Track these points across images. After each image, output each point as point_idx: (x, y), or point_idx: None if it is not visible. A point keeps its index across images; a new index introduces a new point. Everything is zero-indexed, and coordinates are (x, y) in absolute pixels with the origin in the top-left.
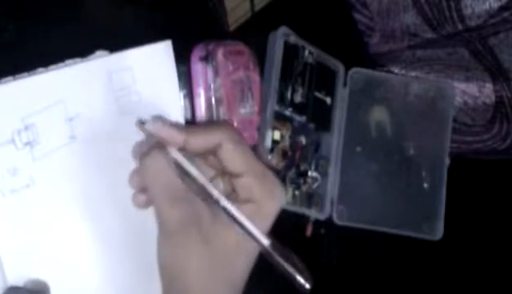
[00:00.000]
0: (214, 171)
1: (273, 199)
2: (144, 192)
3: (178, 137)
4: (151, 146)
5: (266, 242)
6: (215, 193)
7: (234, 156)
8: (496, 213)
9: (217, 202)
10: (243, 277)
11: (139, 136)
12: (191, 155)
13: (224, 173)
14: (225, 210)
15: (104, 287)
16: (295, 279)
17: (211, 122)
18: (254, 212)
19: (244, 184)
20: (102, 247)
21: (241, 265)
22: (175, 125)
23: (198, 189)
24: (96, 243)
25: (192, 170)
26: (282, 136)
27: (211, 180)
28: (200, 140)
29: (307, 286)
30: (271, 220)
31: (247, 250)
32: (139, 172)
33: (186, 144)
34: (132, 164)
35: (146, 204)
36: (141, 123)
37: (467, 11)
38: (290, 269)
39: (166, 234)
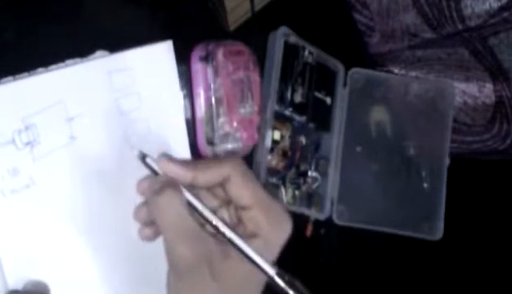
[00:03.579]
0: (219, 200)
1: (280, 231)
2: (151, 226)
3: (186, 175)
4: (163, 183)
5: (272, 272)
6: (224, 229)
7: (242, 189)
8: (496, 213)
9: (227, 239)
10: None
11: (139, 137)
12: (198, 189)
13: (229, 203)
14: (233, 244)
15: (104, 287)
16: None
17: (219, 159)
18: (261, 245)
19: (251, 217)
20: (102, 247)
21: None
22: (182, 162)
23: (205, 224)
24: (96, 244)
25: (202, 208)
26: (282, 136)
27: (216, 210)
28: (209, 176)
29: None
30: (277, 251)
31: (255, 282)
32: (150, 210)
33: (195, 180)
34: (133, 164)
35: (154, 237)
36: (143, 157)
37: (467, 11)
38: None
39: (177, 273)
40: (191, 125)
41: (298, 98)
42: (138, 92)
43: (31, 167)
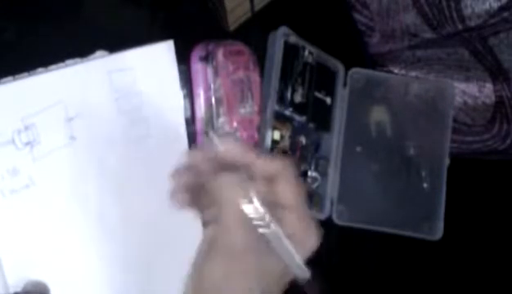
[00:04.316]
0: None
1: (309, 241)
2: (186, 192)
3: (249, 158)
4: (224, 165)
5: (307, 273)
6: (275, 227)
7: (289, 188)
8: (496, 213)
9: (271, 235)
10: None
11: (140, 137)
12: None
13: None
14: (278, 241)
15: (104, 287)
16: None
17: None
18: (296, 247)
19: (288, 219)
20: (102, 247)
21: (278, 292)
22: (245, 145)
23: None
24: (96, 243)
25: (257, 199)
26: (282, 136)
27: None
28: (265, 163)
29: None
30: (306, 257)
31: (285, 281)
32: (211, 187)
33: (253, 164)
34: (133, 164)
35: (187, 205)
36: (209, 131)
37: (467, 11)
38: None
39: (226, 255)
40: (191, 125)
41: (298, 98)
42: (138, 92)
43: (31, 167)
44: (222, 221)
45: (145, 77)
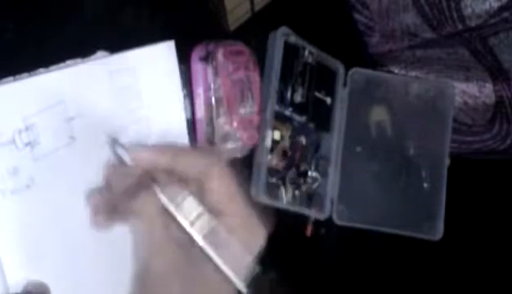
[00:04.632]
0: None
1: (255, 240)
2: (105, 214)
3: (163, 162)
4: (138, 181)
5: (244, 290)
6: (199, 239)
7: (219, 195)
8: (496, 213)
9: (200, 249)
10: None
11: (139, 137)
12: (180, 187)
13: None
14: (206, 254)
15: (104, 287)
16: None
17: (201, 149)
18: (235, 253)
19: (226, 224)
20: (103, 247)
21: None
22: (158, 148)
23: (179, 231)
24: (96, 244)
25: (177, 213)
26: (282, 136)
27: (198, 217)
28: (187, 165)
29: None
30: (251, 259)
31: (227, 291)
32: (122, 209)
33: (175, 163)
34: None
35: (108, 227)
36: (113, 144)
37: (467, 11)
38: None
39: (147, 286)
40: (191, 125)
41: (298, 98)
42: (139, 93)
43: (31, 167)
44: (136, 250)
45: (145, 78)
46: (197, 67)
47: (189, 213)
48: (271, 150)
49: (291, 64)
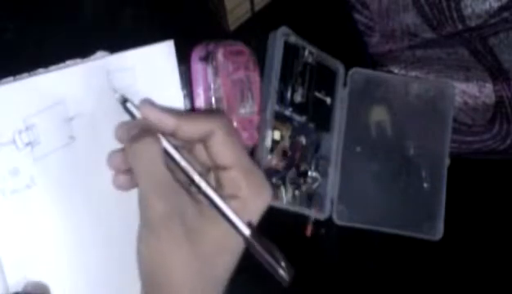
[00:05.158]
0: (202, 166)
1: (260, 197)
2: (126, 173)
3: (169, 121)
4: (141, 130)
5: (247, 232)
6: (200, 181)
7: (224, 147)
8: (496, 213)
9: (202, 192)
10: (225, 275)
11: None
12: (181, 143)
13: (209, 170)
14: (207, 197)
15: (105, 287)
16: (276, 272)
17: (204, 110)
18: (239, 209)
19: (231, 178)
20: (103, 247)
21: (224, 264)
22: (166, 109)
23: (184, 180)
24: (97, 244)
25: (180, 159)
26: (282, 136)
27: (199, 176)
28: (193, 126)
29: (287, 279)
30: (256, 219)
31: (231, 248)
32: (127, 156)
33: (178, 129)
34: None
35: (129, 186)
36: (124, 101)
37: (467, 11)
38: (271, 262)
39: (150, 227)
40: None
41: (298, 98)
42: (139, 93)
43: (31, 167)
44: (139, 191)
45: (145, 78)
46: (197, 67)
47: (193, 166)
48: (271, 150)
49: (291, 64)
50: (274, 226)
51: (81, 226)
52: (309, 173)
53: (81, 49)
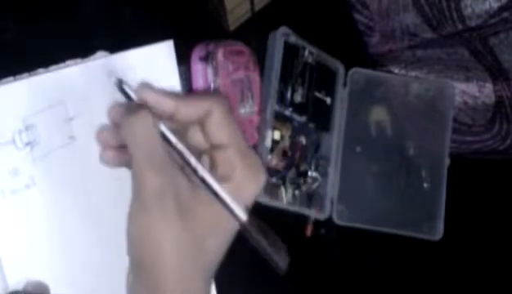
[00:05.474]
0: (194, 147)
1: (254, 179)
2: (116, 150)
3: (168, 103)
4: (137, 105)
5: (244, 217)
6: (197, 165)
7: (222, 125)
8: (496, 213)
9: (198, 176)
10: (216, 259)
11: None
12: (178, 125)
13: (206, 149)
14: (204, 181)
15: (105, 287)
16: (272, 259)
17: (201, 91)
18: (233, 190)
19: (226, 158)
20: (103, 247)
21: (216, 246)
22: (164, 91)
23: (178, 162)
24: (97, 244)
25: (176, 142)
26: (282, 136)
27: (195, 157)
28: (191, 107)
29: (283, 266)
30: (249, 202)
31: (223, 231)
32: (121, 131)
33: (177, 111)
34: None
35: (117, 163)
36: (120, 83)
37: (467, 11)
38: (267, 248)
39: (142, 202)
40: None
41: (298, 98)
42: None
43: (31, 167)
44: (133, 165)
45: (146, 78)
46: (197, 67)
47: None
48: (271, 150)
49: (291, 64)
50: (274, 226)
51: (81, 226)
52: (309, 173)
53: (81, 49)
